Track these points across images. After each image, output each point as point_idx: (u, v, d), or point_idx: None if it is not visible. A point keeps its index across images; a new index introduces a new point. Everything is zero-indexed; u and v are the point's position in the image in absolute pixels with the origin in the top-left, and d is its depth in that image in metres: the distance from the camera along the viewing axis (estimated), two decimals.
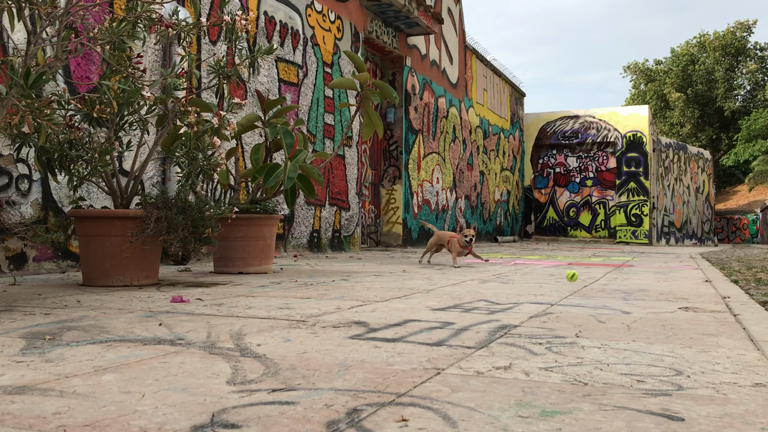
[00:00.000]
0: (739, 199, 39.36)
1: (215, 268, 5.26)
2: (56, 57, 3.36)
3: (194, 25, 4.28)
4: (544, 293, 3.97)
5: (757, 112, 38.89)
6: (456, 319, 2.81)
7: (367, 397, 1.52)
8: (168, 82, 4.13)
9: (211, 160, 4.42)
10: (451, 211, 14.76)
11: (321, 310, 3.01)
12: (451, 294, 3.85)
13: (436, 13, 12.57)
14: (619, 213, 20.11)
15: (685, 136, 41.84)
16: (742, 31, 42.61)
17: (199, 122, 4.38)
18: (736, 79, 42.72)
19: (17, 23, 3.59)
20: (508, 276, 5.36)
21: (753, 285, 4.93)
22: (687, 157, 24.58)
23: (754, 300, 3.72)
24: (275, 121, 5.38)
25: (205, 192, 6.78)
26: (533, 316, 2.92)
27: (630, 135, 20.05)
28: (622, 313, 3.07)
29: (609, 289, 4.29)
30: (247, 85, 7.63)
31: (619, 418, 1.38)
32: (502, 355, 2.03)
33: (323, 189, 9.32)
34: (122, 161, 5.56)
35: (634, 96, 45.33)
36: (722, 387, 1.66)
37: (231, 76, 4.67)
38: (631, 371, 1.84)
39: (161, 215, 4.04)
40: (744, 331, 2.58)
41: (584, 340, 2.32)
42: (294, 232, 8.59)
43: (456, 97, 15.05)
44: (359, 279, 4.81)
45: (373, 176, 12.01)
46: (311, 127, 9.09)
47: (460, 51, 15.39)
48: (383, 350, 2.09)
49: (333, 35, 9.73)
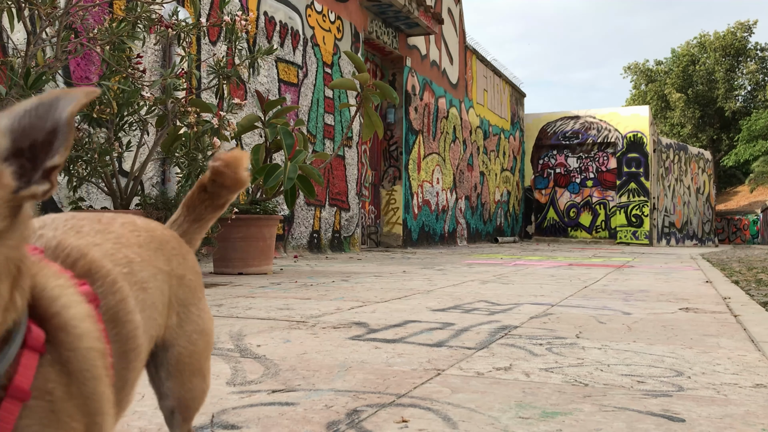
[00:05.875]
0: (740, 200, 39.35)
1: (215, 269, 5.25)
2: (56, 57, 3.36)
3: (194, 25, 4.28)
4: (544, 294, 3.97)
5: (758, 113, 38.89)
6: (456, 319, 2.81)
7: (367, 398, 1.52)
8: (168, 82, 4.13)
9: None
10: (451, 212, 14.76)
11: (321, 311, 3.00)
12: (452, 295, 3.84)
13: (436, 13, 12.57)
14: (619, 214, 20.11)
15: (686, 136, 41.85)
16: (742, 32, 42.60)
17: (199, 123, 4.38)
18: (736, 80, 42.72)
19: (17, 23, 3.59)
20: (508, 277, 5.36)
21: (754, 286, 4.93)
22: (687, 158, 24.57)
23: (755, 301, 3.71)
24: (275, 122, 5.37)
25: None
26: (534, 317, 2.92)
27: (630, 135, 20.04)
28: (623, 314, 3.06)
29: (609, 290, 4.28)
30: (247, 85, 7.63)
31: (619, 419, 1.38)
32: (502, 356, 2.02)
33: (323, 189, 9.32)
34: (122, 162, 5.56)
35: (635, 96, 45.34)
36: (723, 388, 1.66)
37: (231, 76, 4.67)
38: (631, 372, 1.83)
39: (161, 216, 4.03)
40: (745, 331, 2.57)
41: (585, 341, 2.31)
42: (294, 232, 8.59)
43: (456, 98, 15.05)
44: (359, 280, 4.81)
45: (373, 177, 12.01)
46: (311, 127, 9.08)
47: (460, 51, 15.39)
48: (383, 351, 2.08)
49: (333, 35, 9.73)
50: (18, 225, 0.56)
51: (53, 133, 0.57)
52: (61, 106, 0.57)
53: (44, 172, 0.57)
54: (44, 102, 0.57)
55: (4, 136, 0.56)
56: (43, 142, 0.57)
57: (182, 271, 0.89)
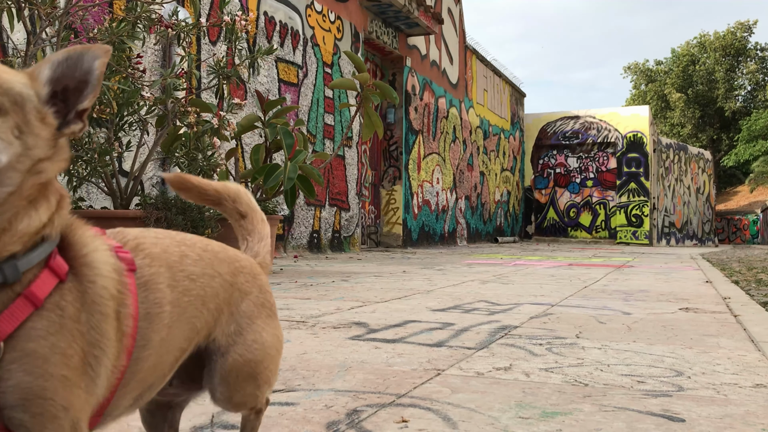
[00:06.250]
0: (740, 200, 39.35)
1: None
2: None
3: (194, 25, 4.28)
4: (544, 294, 3.97)
5: (758, 113, 38.88)
6: (456, 319, 2.81)
7: (367, 398, 1.52)
8: (168, 82, 4.13)
9: (211, 161, 4.42)
10: (451, 212, 14.76)
11: (321, 311, 3.00)
12: (452, 295, 3.84)
13: (436, 13, 12.57)
14: (619, 213, 20.11)
15: (686, 136, 41.84)
16: (742, 32, 42.59)
17: (199, 123, 4.38)
18: (736, 80, 42.71)
19: (17, 23, 3.59)
20: (508, 277, 5.36)
21: (753, 286, 4.93)
22: (687, 158, 24.57)
23: (755, 301, 3.71)
24: (275, 122, 5.37)
25: None
26: (533, 317, 2.92)
27: (630, 135, 20.04)
28: (623, 314, 3.06)
29: (609, 290, 4.28)
30: (247, 85, 7.63)
31: (619, 419, 1.38)
32: (502, 356, 2.02)
33: (323, 190, 9.31)
34: (122, 162, 5.56)
35: (635, 96, 45.33)
36: (723, 388, 1.66)
37: (231, 76, 4.67)
38: (631, 372, 1.83)
39: (161, 216, 4.03)
40: (745, 332, 2.57)
41: (585, 341, 2.31)
42: (294, 232, 8.59)
43: (456, 98, 15.05)
44: (359, 280, 4.81)
45: (373, 177, 12.01)
46: (311, 127, 9.08)
47: (460, 51, 15.39)
48: (383, 351, 2.08)
49: (333, 35, 9.73)
50: (58, 153, 0.71)
51: (84, 82, 0.72)
52: (86, 60, 0.71)
53: (77, 114, 0.72)
54: (72, 55, 0.71)
55: (46, 85, 0.70)
56: (73, 89, 0.72)
57: (249, 288, 0.99)
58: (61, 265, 0.71)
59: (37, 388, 0.66)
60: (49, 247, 0.70)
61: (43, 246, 0.70)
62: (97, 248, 0.76)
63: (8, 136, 0.66)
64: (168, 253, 0.86)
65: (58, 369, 0.68)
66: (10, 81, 0.68)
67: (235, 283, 0.96)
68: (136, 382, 0.81)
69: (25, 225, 0.68)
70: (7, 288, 0.67)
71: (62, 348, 0.68)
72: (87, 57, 0.71)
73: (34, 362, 0.66)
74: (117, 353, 0.75)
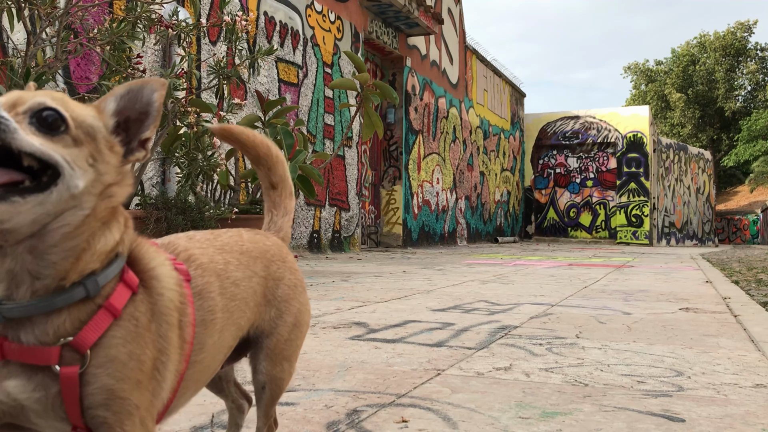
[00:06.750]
0: (740, 200, 39.34)
1: None
2: (56, 57, 3.36)
3: (194, 25, 4.28)
4: (544, 294, 3.97)
5: (758, 113, 38.87)
6: (456, 319, 2.81)
7: (367, 398, 1.52)
8: (168, 82, 4.12)
9: (211, 161, 4.42)
10: (451, 212, 14.76)
11: (321, 311, 3.00)
12: (452, 295, 3.84)
13: (436, 13, 12.57)
14: (619, 214, 20.11)
15: (686, 136, 41.83)
16: (742, 32, 42.59)
17: (199, 123, 4.38)
18: (736, 80, 42.71)
19: (17, 23, 3.58)
20: (508, 277, 5.36)
21: (754, 286, 4.93)
22: (687, 158, 24.57)
23: (755, 301, 3.71)
24: (275, 122, 5.37)
25: (205, 193, 6.78)
26: (533, 317, 2.92)
27: (630, 135, 20.03)
28: (623, 314, 3.06)
29: (609, 290, 4.28)
30: (247, 85, 7.63)
31: (619, 419, 1.38)
32: (502, 356, 2.02)
33: (323, 189, 9.31)
34: None
35: (635, 96, 45.33)
36: (723, 388, 1.66)
37: (231, 76, 4.66)
38: (631, 372, 1.83)
39: (161, 216, 4.03)
40: (745, 331, 2.57)
41: (585, 341, 2.31)
42: (294, 232, 8.58)
43: (456, 98, 15.05)
44: (359, 280, 4.81)
45: (373, 177, 12.01)
46: (311, 127, 9.08)
47: (460, 51, 15.39)
48: (383, 351, 2.08)
49: (333, 35, 9.73)
50: (125, 178, 0.80)
51: (144, 113, 0.80)
52: (146, 93, 0.80)
53: (139, 142, 0.81)
54: (133, 89, 0.80)
55: (112, 117, 0.79)
56: (135, 119, 0.80)
57: (281, 274, 1.09)
58: (132, 278, 0.79)
59: (118, 390, 0.75)
60: (121, 262, 0.79)
61: (116, 262, 0.78)
62: (162, 263, 0.84)
63: (84, 165, 0.74)
64: (214, 262, 0.95)
65: (134, 373, 0.76)
66: (83, 115, 0.76)
67: (269, 275, 1.06)
68: (192, 382, 0.89)
69: (102, 244, 0.76)
70: (89, 301, 0.75)
71: (137, 354, 0.76)
72: (146, 90, 0.80)
73: (116, 367, 0.75)
74: (179, 359, 0.83)
